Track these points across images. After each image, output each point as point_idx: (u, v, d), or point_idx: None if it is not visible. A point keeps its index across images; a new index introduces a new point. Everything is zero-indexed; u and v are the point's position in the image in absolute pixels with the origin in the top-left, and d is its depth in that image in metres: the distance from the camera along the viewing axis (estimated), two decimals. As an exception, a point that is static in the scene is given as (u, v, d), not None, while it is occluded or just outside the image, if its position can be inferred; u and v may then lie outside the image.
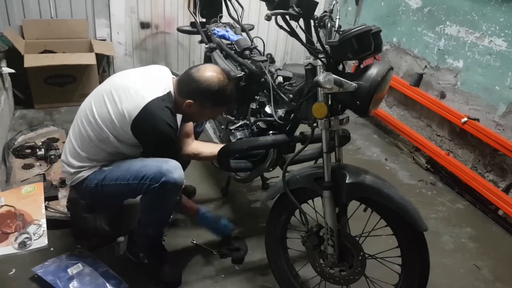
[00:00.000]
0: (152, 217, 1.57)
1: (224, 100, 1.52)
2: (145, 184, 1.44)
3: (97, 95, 1.50)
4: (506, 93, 2.30)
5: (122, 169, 1.49)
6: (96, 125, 1.45)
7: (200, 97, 1.46)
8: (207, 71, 1.47)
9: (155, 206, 1.52)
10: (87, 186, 1.53)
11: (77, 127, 1.52)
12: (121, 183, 1.48)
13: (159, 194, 1.45)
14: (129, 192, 1.51)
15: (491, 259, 2.02)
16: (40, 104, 2.91)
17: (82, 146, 1.51)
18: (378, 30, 1.26)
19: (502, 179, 2.38)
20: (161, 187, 1.42)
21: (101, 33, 3.28)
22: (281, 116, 1.65)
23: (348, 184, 1.29)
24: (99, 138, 1.46)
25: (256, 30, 3.42)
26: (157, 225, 1.63)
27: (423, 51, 2.87)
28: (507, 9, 2.26)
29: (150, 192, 1.45)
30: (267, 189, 2.32)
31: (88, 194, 1.56)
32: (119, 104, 1.42)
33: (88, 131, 1.47)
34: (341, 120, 1.33)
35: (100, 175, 1.51)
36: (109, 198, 1.57)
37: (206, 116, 1.63)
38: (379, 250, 1.40)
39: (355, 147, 3.00)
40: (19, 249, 1.69)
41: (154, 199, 1.48)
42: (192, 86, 1.46)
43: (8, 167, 2.21)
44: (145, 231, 1.62)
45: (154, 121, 1.39)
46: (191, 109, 1.49)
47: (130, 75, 1.52)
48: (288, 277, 1.60)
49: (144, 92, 1.41)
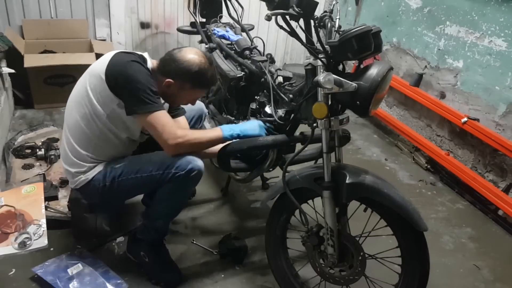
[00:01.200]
0: (168, 207, 1.59)
1: (203, 83, 1.53)
2: (169, 173, 1.45)
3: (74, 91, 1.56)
4: (506, 93, 2.30)
5: (142, 162, 1.52)
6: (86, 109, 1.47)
7: (180, 77, 1.47)
8: (189, 53, 1.49)
9: (175, 195, 1.54)
10: (94, 186, 1.53)
11: (71, 123, 1.53)
12: (142, 175, 1.49)
13: (183, 182, 1.48)
14: (150, 184, 1.52)
15: (491, 259, 2.02)
16: (40, 104, 2.91)
17: (79, 142, 1.51)
18: (378, 30, 1.26)
19: (502, 179, 2.38)
20: (187, 174, 1.45)
21: (101, 33, 3.28)
22: (281, 116, 1.65)
23: (348, 184, 1.29)
24: (92, 128, 1.48)
25: (256, 30, 3.42)
26: (168, 217, 1.65)
27: (423, 51, 2.87)
28: (507, 9, 2.26)
29: (173, 181, 1.47)
30: (267, 189, 2.32)
31: (97, 194, 1.56)
32: (90, 71, 1.47)
33: (82, 125, 1.49)
34: (341, 120, 1.33)
35: (115, 172, 1.52)
36: (124, 193, 1.59)
37: (184, 98, 1.58)
38: (379, 250, 1.40)
39: (355, 147, 3.00)
40: (19, 249, 1.69)
41: (177, 188, 1.50)
42: (173, 66, 1.47)
43: (8, 167, 2.21)
44: (153, 224, 1.62)
45: (123, 63, 1.41)
46: (170, 89, 1.49)
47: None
48: (288, 277, 1.60)
49: (112, 52, 1.47)
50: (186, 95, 1.56)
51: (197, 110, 1.91)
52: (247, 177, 1.90)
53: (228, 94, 1.97)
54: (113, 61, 1.43)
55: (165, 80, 1.48)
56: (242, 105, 1.97)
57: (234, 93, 1.89)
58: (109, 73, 1.40)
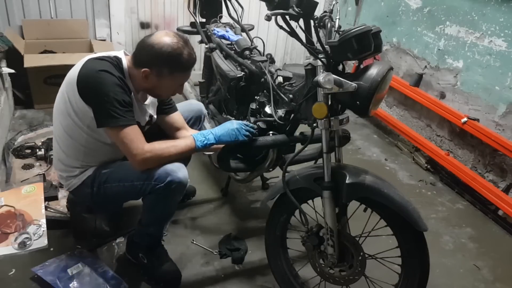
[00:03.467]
0: (155, 217, 1.57)
1: (181, 65, 1.41)
2: (150, 185, 1.42)
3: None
4: (506, 93, 2.30)
5: (124, 170, 1.48)
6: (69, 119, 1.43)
7: (154, 64, 1.38)
8: (159, 36, 1.39)
9: (159, 206, 1.51)
10: (85, 190, 1.52)
11: (58, 132, 1.52)
12: (124, 184, 1.47)
13: (164, 194, 1.45)
14: (133, 193, 1.49)
15: (491, 259, 2.02)
16: (40, 104, 2.91)
17: (68, 150, 1.50)
18: (378, 30, 1.26)
19: (502, 179, 2.38)
20: (167, 187, 1.42)
21: (101, 33, 3.28)
22: (281, 116, 1.65)
23: (348, 184, 1.29)
24: (77, 138, 1.46)
25: (256, 30, 3.42)
26: (159, 225, 1.62)
27: (423, 51, 2.87)
28: (507, 9, 2.26)
29: (155, 192, 1.44)
30: (267, 189, 2.32)
31: (88, 198, 1.55)
32: (66, 80, 1.43)
33: (67, 135, 1.47)
34: (341, 120, 1.33)
35: (101, 178, 1.50)
36: (111, 199, 1.57)
37: (167, 87, 1.48)
38: (379, 250, 1.40)
39: (355, 147, 3.00)
40: (19, 249, 1.69)
41: (159, 199, 1.47)
42: (144, 53, 1.39)
43: (8, 167, 2.21)
44: (146, 230, 1.62)
45: (92, 73, 1.34)
46: (150, 80, 1.42)
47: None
48: (288, 277, 1.60)
49: (85, 58, 1.41)
50: (167, 83, 1.45)
51: (196, 111, 1.90)
52: (247, 177, 1.90)
53: (228, 94, 1.97)
54: (82, 71, 1.36)
55: (142, 71, 1.39)
56: (242, 105, 1.97)
57: (234, 93, 1.89)
58: (79, 84, 1.36)
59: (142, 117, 1.58)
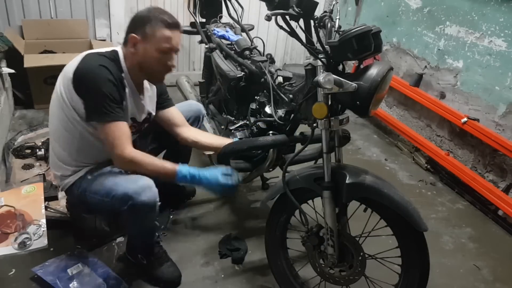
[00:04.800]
0: (135, 232, 1.57)
1: (161, 20, 1.41)
2: (115, 204, 1.41)
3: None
4: (506, 93, 2.30)
5: (98, 183, 1.47)
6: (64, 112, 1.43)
7: (138, 26, 1.43)
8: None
9: (132, 226, 1.51)
10: (75, 192, 1.53)
11: (53, 127, 1.52)
12: (99, 198, 1.46)
13: (131, 216, 1.43)
14: (106, 208, 1.48)
15: (491, 259, 2.02)
16: (40, 104, 2.91)
17: (63, 144, 1.50)
18: (378, 30, 1.26)
19: (502, 179, 2.38)
20: (130, 210, 1.39)
21: (101, 33, 3.28)
22: (281, 116, 1.65)
23: (348, 185, 1.29)
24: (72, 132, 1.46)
25: (256, 30, 3.41)
26: (143, 237, 1.59)
27: (423, 51, 2.87)
28: (507, 9, 2.26)
29: (128, 210, 1.40)
30: (267, 189, 2.32)
31: (77, 200, 1.56)
32: (63, 73, 1.43)
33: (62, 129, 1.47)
34: (341, 120, 1.33)
35: (84, 184, 1.50)
36: (93, 208, 1.57)
37: (154, 57, 1.44)
38: (379, 250, 1.40)
39: (355, 147, 3.00)
40: (19, 249, 1.69)
41: (130, 219, 1.46)
42: (129, 25, 1.47)
43: (8, 167, 2.21)
44: (133, 240, 1.63)
45: (90, 68, 1.36)
46: (138, 52, 1.43)
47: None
48: (288, 277, 1.60)
49: (84, 53, 1.43)
50: (154, 50, 1.43)
51: (195, 111, 1.90)
52: (247, 177, 1.90)
53: (228, 94, 1.97)
54: (81, 64, 1.38)
55: (130, 38, 1.43)
56: (242, 105, 1.97)
57: (234, 93, 1.89)
58: (76, 77, 1.37)
59: (139, 113, 1.58)
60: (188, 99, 2.53)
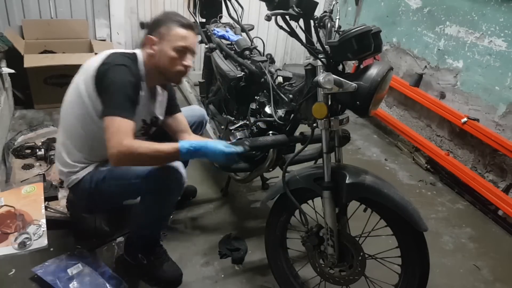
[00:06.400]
0: (152, 218, 1.56)
1: (175, 19, 1.46)
2: (147, 183, 1.43)
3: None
4: (506, 93, 2.30)
5: (123, 168, 1.48)
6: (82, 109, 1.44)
7: (154, 27, 1.47)
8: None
9: (156, 206, 1.51)
10: (83, 187, 1.52)
11: (67, 124, 1.52)
12: (122, 183, 1.47)
13: (161, 194, 1.45)
14: (130, 192, 1.50)
15: (491, 259, 2.02)
16: (40, 104, 2.91)
17: (76, 141, 1.51)
18: (378, 30, 1.26)
19: (502, 179, 2.38)
20: (165, 186, 1.42)
21: (101, 33, 3.28)
22: (281, 116, 1.65)
23: (348, 185, 1.29)
24: (88, 129, 1.46)
25: (256, 30, 3.42)
26: (156, 226, 1.62)
27: (423, 51, 2.87)
28: (507, 9, 2.26)
29: (152, 192, 1.44)
30: (267, 189, 2.32)
31: (85, 195, 1.55)
32: (84, 70, 1.45)
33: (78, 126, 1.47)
34: (341, 120, 1.33)
35: (99, 175, 1.50)
36: (108, 198, 1.56)
37: (170, 55, 1.45)
38: (379, 250, 1.40)
39: (355, 147, 3.00)
40: (19, 249, 1.69)
41: (156, 199, 1.47)
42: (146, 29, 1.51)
43: (8, 167, 2.21)
44: (142, 232, 1.61)
45: (113, 66, 1.38)
46: (155, 50, 1.45)
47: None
48: (288, 277, 1.60)
49: (108, 51, 1.46)
50: (169, 49, 1.44)
51: (198, 116, 1.90)
52: (247, 177, 1.90)
53: (228, 94, 1.97)
54: (107, 60, 1.40)
55: (147, 39, 1.45)
56: (242, 105, 1.97)
57: (234, 93, 1.89)
58: (99, 72, 1.38)
59: (148, 116, 1.60)
60: (188, 99, 2.53)
